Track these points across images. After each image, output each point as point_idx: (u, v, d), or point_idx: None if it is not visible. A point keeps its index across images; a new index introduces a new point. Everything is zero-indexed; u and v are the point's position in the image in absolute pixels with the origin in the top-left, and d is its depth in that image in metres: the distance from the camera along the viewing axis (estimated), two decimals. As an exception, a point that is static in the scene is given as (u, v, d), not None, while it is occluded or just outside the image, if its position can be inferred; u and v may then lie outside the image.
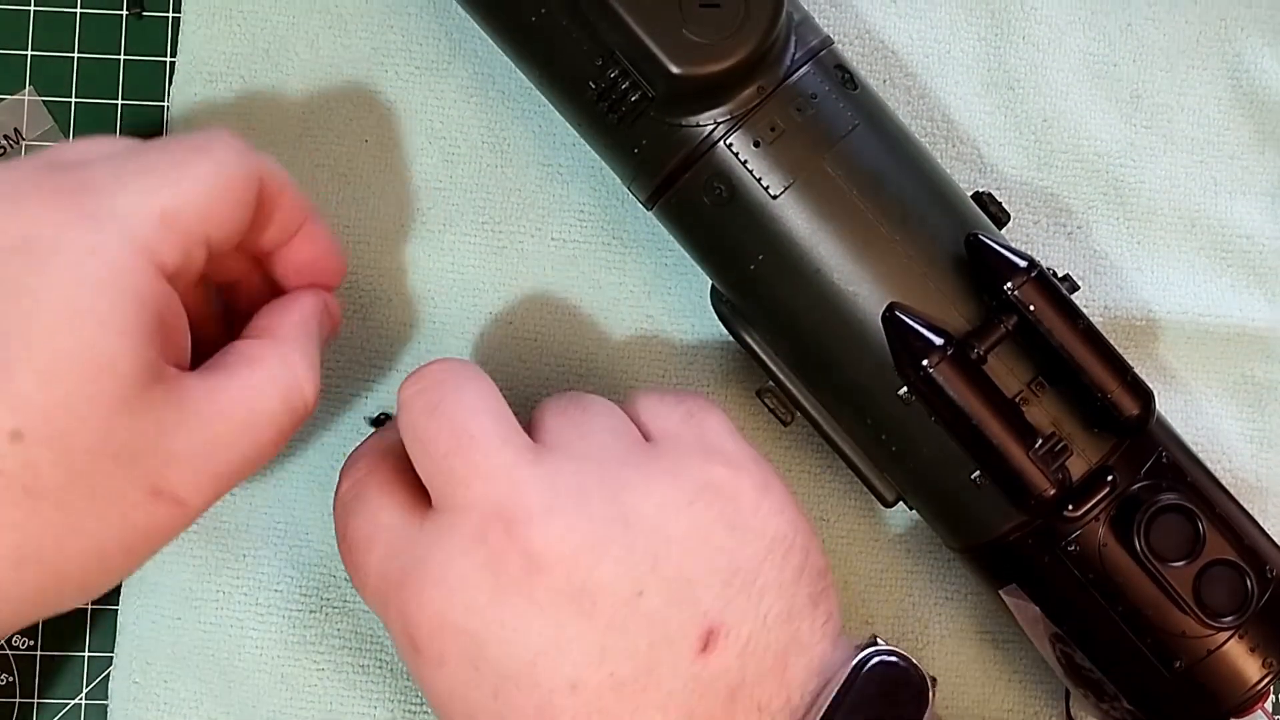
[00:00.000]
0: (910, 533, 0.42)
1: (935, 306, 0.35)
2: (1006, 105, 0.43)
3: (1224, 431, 0.43)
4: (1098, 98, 0.44)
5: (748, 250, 0.36)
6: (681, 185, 0.36)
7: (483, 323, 0.42)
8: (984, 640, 0.42)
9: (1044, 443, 0.34)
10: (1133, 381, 0.34)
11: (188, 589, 0.41)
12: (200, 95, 0.42)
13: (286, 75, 0.42)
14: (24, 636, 0.41)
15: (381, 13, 0.42)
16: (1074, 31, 0.44)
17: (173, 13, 0.43)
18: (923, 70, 0.43)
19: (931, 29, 0.44)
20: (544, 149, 0.42)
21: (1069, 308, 0.34)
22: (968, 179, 0.43)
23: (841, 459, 0.38)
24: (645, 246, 0.42)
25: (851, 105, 0.36)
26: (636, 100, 0.35)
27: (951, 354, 0.33)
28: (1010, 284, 0.34)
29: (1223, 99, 0.44)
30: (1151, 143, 0.44)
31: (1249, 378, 0.43)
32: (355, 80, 0.42)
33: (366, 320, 0.42)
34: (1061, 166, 0.43)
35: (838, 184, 0.35)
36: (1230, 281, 0.44)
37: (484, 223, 0.42)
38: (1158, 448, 0.35)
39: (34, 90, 0.42)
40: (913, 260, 0.35)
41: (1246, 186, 0.44)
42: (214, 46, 0.42)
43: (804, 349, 0.37)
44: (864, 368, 0.35)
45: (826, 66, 0.36)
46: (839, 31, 0.43)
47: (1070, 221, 0.43)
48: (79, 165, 0.32)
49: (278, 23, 0.42)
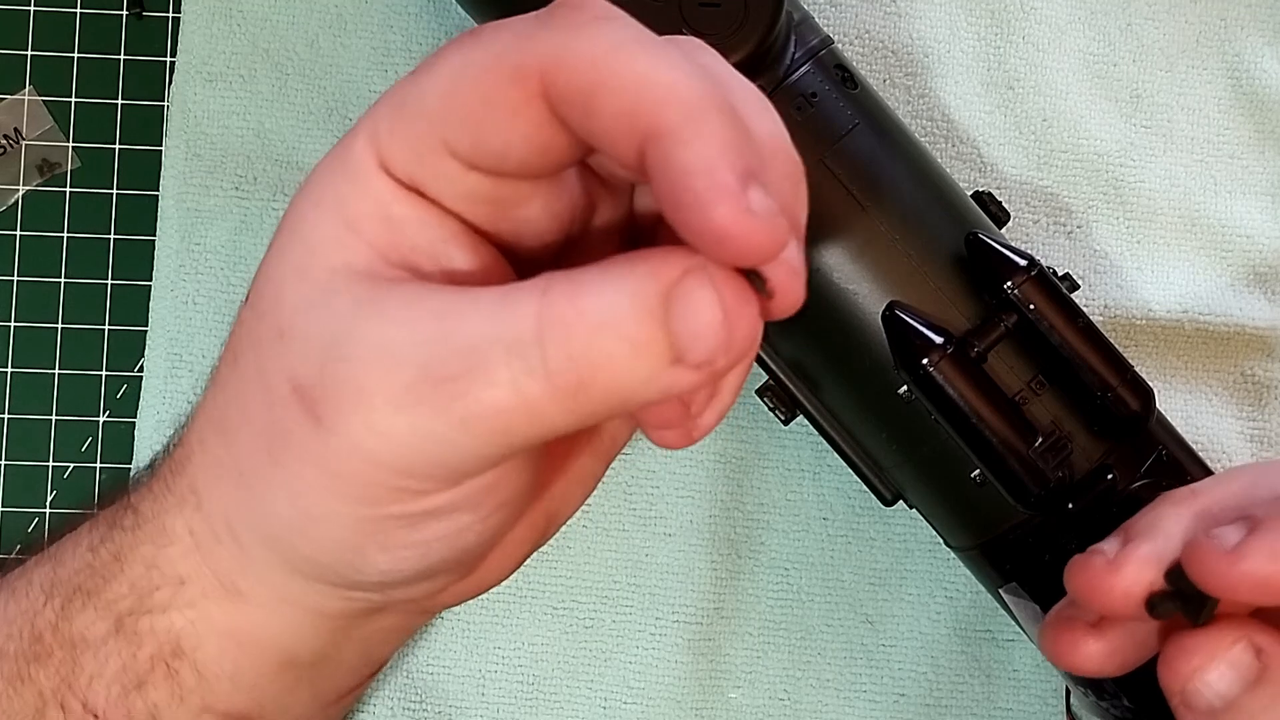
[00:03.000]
0: (910, 532, 0.42)
1: (935, 305, 0.35)
2: (1006, 105, 0.43)
3: (1224, 431, 0.43)
4: (1098, 98, 0.44)
5: (748, 249, 0.36)
6: (681, 184, 0.36)
7: (483, 322, 0.42)
8: (984, 640, 0.42)
9: (1044, 441, 0.34)
10: (1132, 380, 0.34)
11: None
12: (200, 95, 0.42)
13: (286, 75, 0.42)
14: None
15: (381, 13, 0.42)
16: (1074, 31, 0.44)
17: (173, 13, 0.43)
18: (923, 70, 0.43)
19: (931, 29, 0.44)
20: (544, 149, 0.42)
21: (1069, 306, 0.34)
22: (968, 179, 0.43)
23: (841, 458, 0.38)
24: (645, 246, 0.42)
25: (851, 105, 0.36)
26: (636, 99, 0.35)
27: (952, 352, 0.33)
28: (1010, 283, 0.34)
29: (1223, 99, 0.44)
30: (1151, 143, 0.44)
31: (1249, 377, 0.43)
32: (355, 80, 0.42)
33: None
34: (1061, 166, 0.43)
35: (837, 183, 0.35)
36: (1230, 281, 0.44)
37: (484, 222, 0.42)
38: (1158, 446, 0.35)
39: (34, 90, 0.42)
40: (912, 259, 0.35)
41: (1246, 186, 0.44)
42: (214, 46, 0.42)
43: (804, 348, 0.37)
44: (864, 366, 0.35)
45: (826, 66, 0.36)
46: (839, 31, 0.43)
47: (1070, 221, 0.43)
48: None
49: (278, 23, 0.42)
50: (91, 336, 0.42)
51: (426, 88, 0.25)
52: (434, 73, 0.25)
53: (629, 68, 0.23)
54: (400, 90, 0.25)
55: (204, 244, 0.42)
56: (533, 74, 0.23)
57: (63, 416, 0.42)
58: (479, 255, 0.26)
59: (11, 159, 0.42)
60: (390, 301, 0.25)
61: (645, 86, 0.23)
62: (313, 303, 0.25)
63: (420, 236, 0.26)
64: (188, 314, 0.42)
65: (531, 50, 0.24)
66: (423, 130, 0.25)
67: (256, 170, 0.42)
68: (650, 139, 0.22)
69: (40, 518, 0.42)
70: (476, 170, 0.25)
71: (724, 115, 0.23)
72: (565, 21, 0.24)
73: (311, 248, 0.26)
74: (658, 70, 0.23)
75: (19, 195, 0.42)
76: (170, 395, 0.41)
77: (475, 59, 0.24)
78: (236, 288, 0.42)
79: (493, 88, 0.24)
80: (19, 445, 0.42)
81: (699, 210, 0.22)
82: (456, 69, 0.24)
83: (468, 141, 0.24)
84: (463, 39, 0.25)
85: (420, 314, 0.24)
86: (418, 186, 0.25)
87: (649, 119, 0.22)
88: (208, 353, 0.42)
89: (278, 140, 0.42)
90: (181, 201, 0.42)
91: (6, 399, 0.42)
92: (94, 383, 0.42)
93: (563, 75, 0.23)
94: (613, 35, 0.23)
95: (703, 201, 0.22)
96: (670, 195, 0.22)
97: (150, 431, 0.41)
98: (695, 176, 0.22)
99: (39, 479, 0.42)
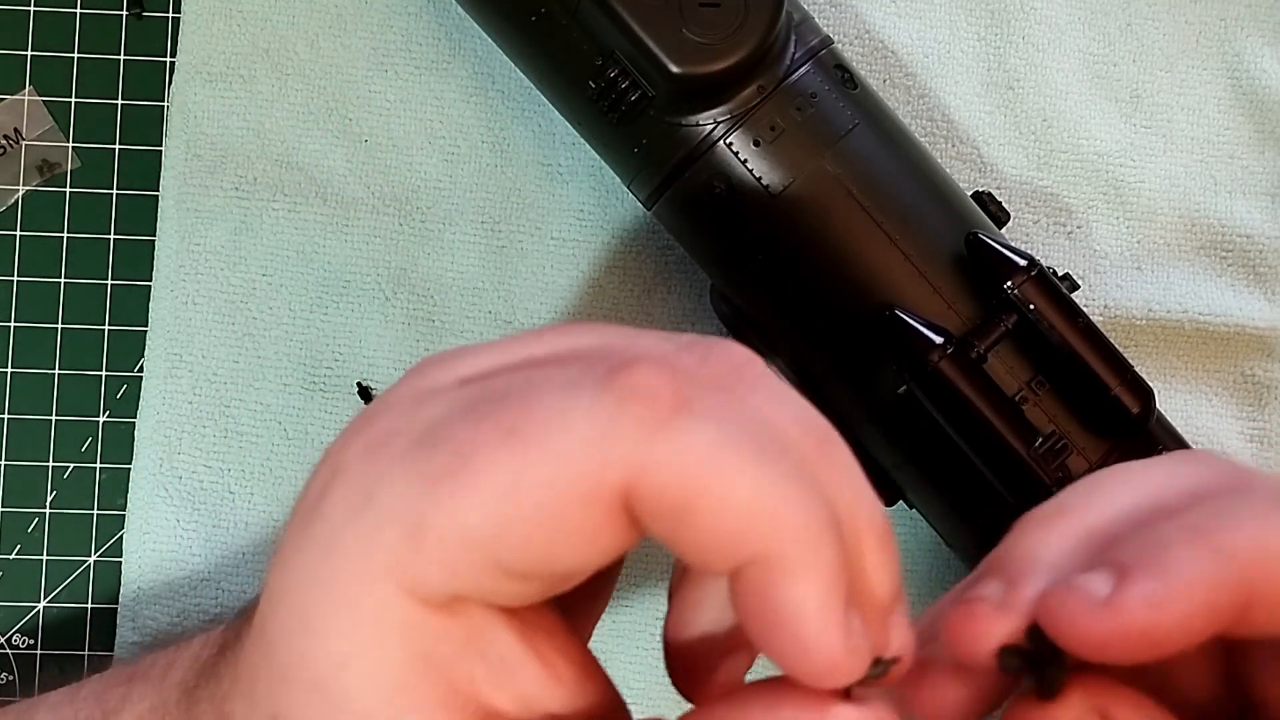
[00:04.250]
0: (910, 532, 0.42)
1: (935, 305, 0.35)
2: (1006, 105, 0.43)
3: (1224, 431, 0.43)
4: (1098, 98, 0.44)
5: (748, 249, 0.36)
6: (681, 184, 0.36)
7: (483, 323, 0.42)
8: (984, 640, 0.42)
9: (1044, 441, 0.34)
10: (1133, 380, 0.34)
11: (186, 586, 0.41)
12: (200, 95, 0.42)
13: (286, 75, 0.42)
14: (24, 636, 0.41)
15: (381, 13, 0.42)
16: (1074, 31, 0.44)
17: (173, 13, 0.43)
18: (923, 70, 0.43)
19: (931, 29, 0.44)
20: (544, 149, 0.42)
21: (1069, 306, 0.34)
22: (968, 179, 0.43)
23: (841, 458, 0.38)
24: (645, 246, 0.42)
25: (851, 105, 0.36)
26: (636, 100, 0.35)
27: (952, 353, 0.33)
28: (1010, 283, 0.34)
29: (1223, 99, 0.44)
30: (1151, 143, 0.44)
31: (1249, 377, 0.43)
32: (355, 80, 0.42)
33: (365, 320, 0.42)
34: (1061, 166, 0.43)
35: (838, 183, 0.35)
36: (1230, 281, 0.43)
37: (484, 223, 0.42)
38: (1158, 446, 0.35)
39: (34, 90, 0.42)
40: (913, 259, 0.35)
41: (1246, 186, 0.44)
42: (214, 46, 0.42)
43: (804, 348, 0.37)
44: (864, 367, 0.35)
45: (826, 66, 0.36)
46: (839, 31, 0.43)
47: (1070, 221, 0.43)
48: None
49: (278, 23, 0.42)
50: (91, 336, 0.42)
51: (463, 509, 0.20)
52: (467, 489, 0.20)
53: (731, 485, 0.20)
54: (406, 506, 0.21)
55: (204, 244, 0.42)
56: (613, 491, 0.20)
57: (63, 416, 0.42)
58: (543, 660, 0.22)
59: (11, 159, 0.42)
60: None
61: (749, 510, 0.20)
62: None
63: (478, 669, 0.22)
64: (188, 314, 0.42)
65: (609, 462, 0.20)
66: (461, 556, 0.21)
67: (256, 170, 0.42)
68: (754, 565, 0.20)
69: (40, 518, 0.42)
70: (534, 580, 0.21)
71: (832, 536, 0.20)
72: (641, 419, 0.20)
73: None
74: (763, 488, 0.20)
75: (19, 195, 0.42)
76: (170, 395, 0.41)
77: (531, 477, 0.20)
78: (236, 288, 0.42)
79: (565, 510, 0.20)
80: (19, 445, 0.42)
81: (801, 647, 0.20)
82: (508, 486, 0.20)
83: (528, 563, 0.21)
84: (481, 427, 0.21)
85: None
86: (459, 596, 0.21)
87: (755, 547, 0.20)
88: (208, 353, 0.42)
89: (278, 140, 0.42)
90: (181, 201, 0.42)
91: (6, 399, 0.42)
92: (94, 383, 0.42)
93: (650, 491, 0.20)
94: (705, 438, 0.20)
95: (806, 642, 0.20)
96: (767, 622, 0.20)
97: (150, 431, 0.41)
98: (804, 619, 0.20)
99: (39, 479, 0.42)
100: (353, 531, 0.21)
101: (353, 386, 0.42)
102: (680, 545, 0.21)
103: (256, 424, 0.42)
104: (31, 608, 0.41)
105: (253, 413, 0.42)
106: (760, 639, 0.21)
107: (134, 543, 0.41)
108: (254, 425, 0.42)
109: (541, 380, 0.21)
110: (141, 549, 0.41)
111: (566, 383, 0.21)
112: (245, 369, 0.42)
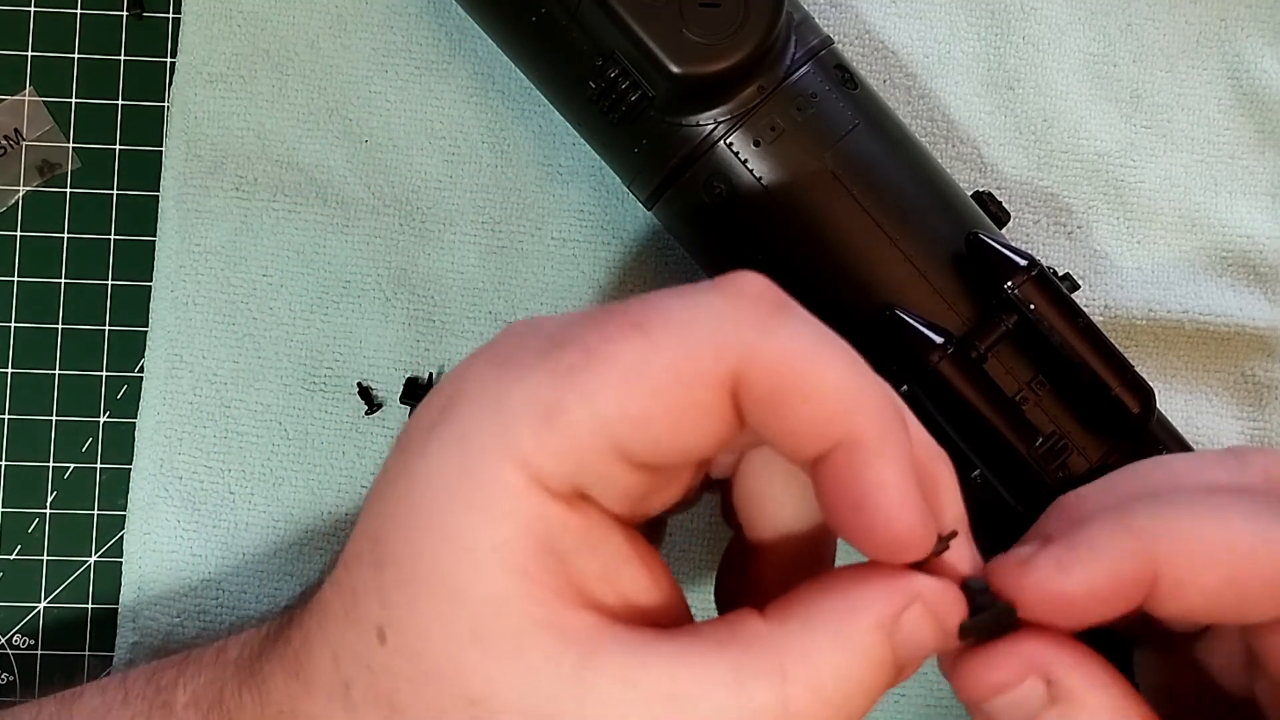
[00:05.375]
0: (910, 532, 0.42)
1: (935, 305, 0.35)
2: (1006, 105, 0.43)
3: (1224, 431, 0.43)
4: (1098, 98, 0.44)
5: (748, 249, 0.36)
6: (682, 185, 0.36)
7: (483, 323, 0.42)
8: (984, 640, 0.42)
9: (1044, 441, 0.34)
10: (1133, 380, 0.34)
11: (187, 587, 0.41)
12: (200, 95, 0.42)
13: (286, 75, 0.42)
14: (24, 636, 0.41)
15: (381, 13, 0.42)
16: (1074, 31, 0.44)
17: (173, 13, 0.43)
18: (923, 70, 0.43)
19: (931, 29, 0.44)
20: (544, 149, 0.42)
21: (1069, 306, 0.34)
22: (968, 179, 0.43)
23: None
24: (645, 246, 0.42)
25: (851, 105, 0.36)
26: (636, 100, 0.35)
27: (952, 353, 0.33)
28: (1010, 283, 0.34)
29: (1223, 99, 0.44)
30: (1151, 143, 0.44)
31: (1249, 378, 0.43)
32: (355, 80, 0.42)
33: (366, 320, 0.42)
34: (1061, 166, 0.43)
35: (838, 183, 0.35)
36: (1230, 281, 0.44)
37: (484, 223, 0.42)
38: (1158, 446, 0.35)
39: (34, 90, 0.42)
40: (913, 259, 0.35)
41: (1246, 186, 0.44)
42: (214, 46, 0.42)
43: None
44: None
45: (826, 66, 0.36)
46: (839, 31, 0.43)
47: (1070, 221, 0.43)
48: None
49: (278, 23, 0.42)
50: (91, 337, 0.42)
51: (593, 392, 0.23)
52: (597, 375, 0.23)
53: (826, 373, 0.23)
54: (539, 396, 0.23)
55: (204, 244, 0.42)
56: (726, 375, 0.23)
57: (63, 417, 0.42)
58: (643, 565, 0.25)
59: (11, 159, 0.42)
60: (604, 673, 0.23)
61: (843, 395, 0.23)
62: (508, 672, 0.23)
63: (591, 564, 0.24)
64: (188, 314, 0.42)
65: (723, 349, 0.23)
66: (589, 439, 0.23)
67: (256, 171, 0.42)
68: (842, 447, 0.23)
69: (40, 518, 0.42)
70: (644, 469, 0.24)
71: (905, 426, 0.24)
72: (750, 315, 0.23)
73: (482, 605, 0.23)
74: (852, 378, 0.23)
75: (19, 196, 0.42)
76: (170, 395, 0.42)
77: (656, 361, 0.23)
78: (237, 288, 0.42)
79: (684, 391, 0.23)
80: (19, 445, 0.42)
81: (885, 519, 0.23)
82: (632, 370, 0.23)
83: (646, 445, 0.23)
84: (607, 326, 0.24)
85: (649, 694, 0.22)
86: (580, 491, 0.24)
87: (845, 429, 0.23)
88: (208, 353, 0.42)
89: (278, 141, 0.42)
90: (181, 202, 0.42)
91: (6, 399, 0.42)
92: (94, 383, 0.42)
93: (757, 377, 0.23)
94: (804, 334, 0.23)
95: (890, 514, 0.23)
96: (852, 501, 0.23)
97: (150, 432, 0.41)
98: (888, 491, 0.23)
99: (39, 479, 0.42)
100: (487, 428, 0.23)
101: (353, 386, 0.42)
102: (777, 429, 0.23)
103: (257, 424, 0.42)
104: (32, 608, 0.41)
105: (253, 413, 0.42)
106: (844, 519, 0.24)
107: (134, 543, 0.41)
108: (254, 425, 0.42)
109: (654, 294, 0.24)
110: (142, 549, 0.41)
111: (681, 290, 0.24)
112: (245, 369, 0.42)
